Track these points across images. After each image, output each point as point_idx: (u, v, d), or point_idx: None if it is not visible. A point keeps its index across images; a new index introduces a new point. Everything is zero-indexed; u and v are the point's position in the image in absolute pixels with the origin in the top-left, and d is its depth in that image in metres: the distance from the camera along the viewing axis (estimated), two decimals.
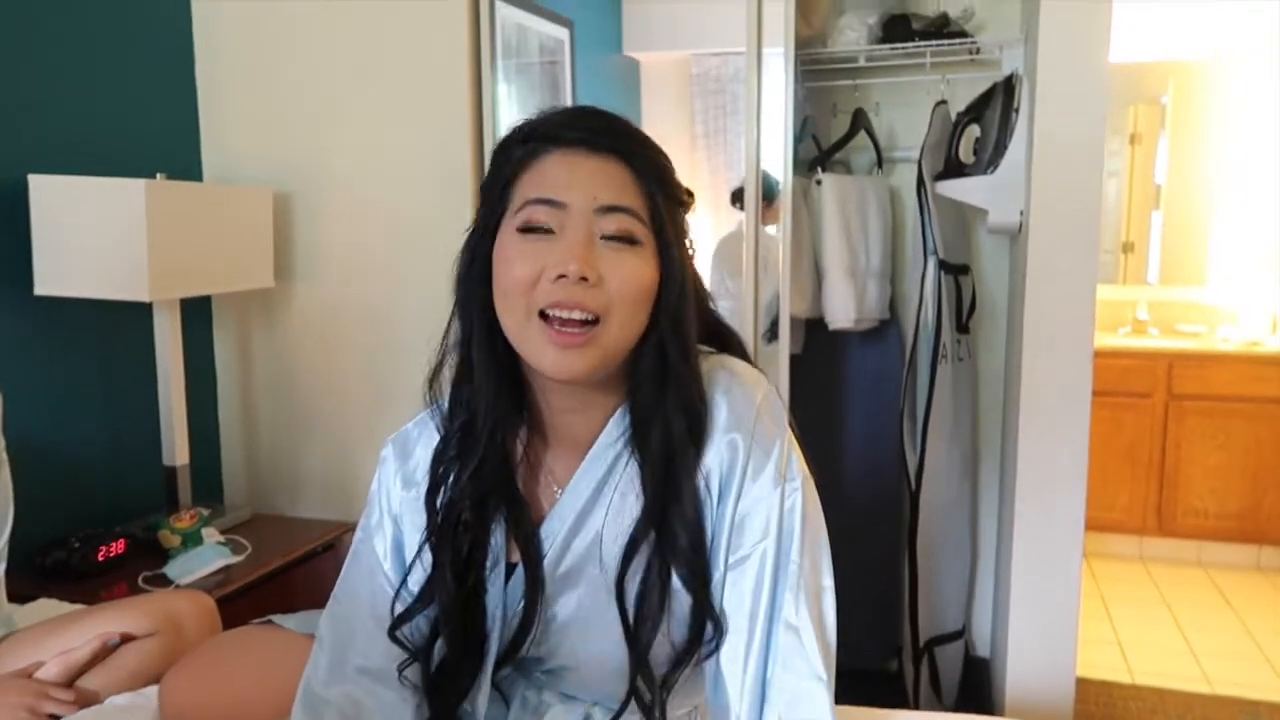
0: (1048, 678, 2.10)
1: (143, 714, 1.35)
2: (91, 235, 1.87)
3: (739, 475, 0.87)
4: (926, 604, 2.48)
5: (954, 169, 2.35)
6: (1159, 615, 3.38)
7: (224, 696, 1.31)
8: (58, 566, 1.87)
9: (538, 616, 0.90)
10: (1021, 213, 2.15)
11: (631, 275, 0.83)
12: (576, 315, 0.82)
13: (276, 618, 1.43)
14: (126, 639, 1.43)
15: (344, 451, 2.38)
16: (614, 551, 0.89)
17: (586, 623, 0.90)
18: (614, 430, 0.91)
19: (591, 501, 0.91)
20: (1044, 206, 1.97)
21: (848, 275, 2.39)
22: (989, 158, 2.22)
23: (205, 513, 2.08)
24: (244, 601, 1.92)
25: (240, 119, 2.34)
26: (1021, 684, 2.12)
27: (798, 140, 2.34)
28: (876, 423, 2.59)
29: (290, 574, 2.08)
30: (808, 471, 0.91)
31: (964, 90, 2.50)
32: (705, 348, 0.95)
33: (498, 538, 0.92)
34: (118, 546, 1.95)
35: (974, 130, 2.35)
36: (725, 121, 2.59)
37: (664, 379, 0.87)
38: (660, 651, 0.88)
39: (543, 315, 0.82)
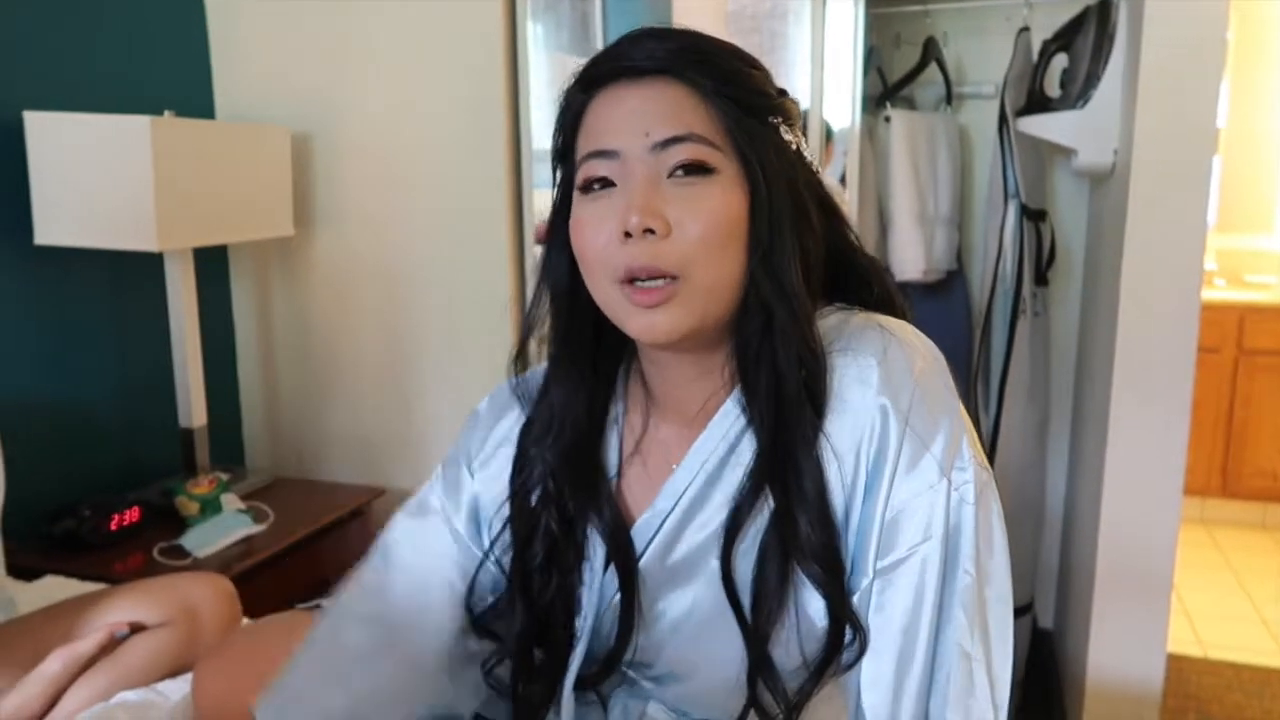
0: (1134, 656, 1.94)
1: (156, 711, 1.22)
2: (94, 179, 1.71)
3: (891, 461, 0.70)
4: None
5: (1037, 104, 2.12)
6: (1226, 582, 3.21)
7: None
8: (67, 536, 1.76)
9: (637, 616, 0.77)
10: (1115, 152, 1.94)
11: (705, 213, 0.70)
12: (654, 282, 0.70)
13: (326, 604, 1.29)
14: (136, 628, 1.29)
15: (371, 411, 2.24)
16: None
17: (701, 623, 0.76)
18: (736, 400, 0.76)
19: (709, 484, 0.76)
20: (1150, 144, 1.75)
21: (917, 222, 2.20)
22: (1078, 91, 1.99)
23: (225, 477, 1.96)
24: (267, 574, 1.80)
25: (255, 52, 2.16)
26: (1104, 662, 1.96)
27: (864, 74, 2.13)
28: None
29: (316, 544, 1.95)
30: (985, 461, 0.74)
31: (1044, 17, 2.28)
32: (841, 304, 0.79)
33: (594, 528, 0.80)
34: (132, 515, 1.83)
35: (1061, 60, 2.12)
36: (763, 60, 2.40)
37: (768, 328, 0.72)
38: (789, 661, 0.72)
39: (626, 281, 0.71)
